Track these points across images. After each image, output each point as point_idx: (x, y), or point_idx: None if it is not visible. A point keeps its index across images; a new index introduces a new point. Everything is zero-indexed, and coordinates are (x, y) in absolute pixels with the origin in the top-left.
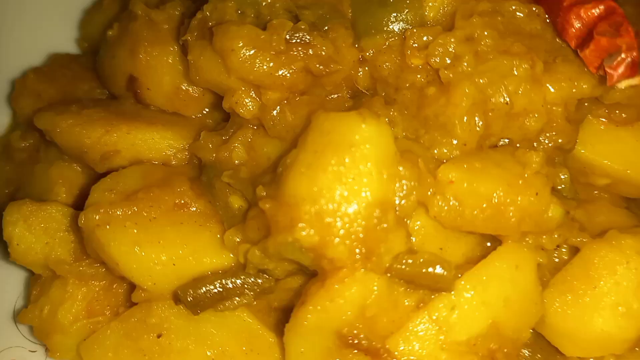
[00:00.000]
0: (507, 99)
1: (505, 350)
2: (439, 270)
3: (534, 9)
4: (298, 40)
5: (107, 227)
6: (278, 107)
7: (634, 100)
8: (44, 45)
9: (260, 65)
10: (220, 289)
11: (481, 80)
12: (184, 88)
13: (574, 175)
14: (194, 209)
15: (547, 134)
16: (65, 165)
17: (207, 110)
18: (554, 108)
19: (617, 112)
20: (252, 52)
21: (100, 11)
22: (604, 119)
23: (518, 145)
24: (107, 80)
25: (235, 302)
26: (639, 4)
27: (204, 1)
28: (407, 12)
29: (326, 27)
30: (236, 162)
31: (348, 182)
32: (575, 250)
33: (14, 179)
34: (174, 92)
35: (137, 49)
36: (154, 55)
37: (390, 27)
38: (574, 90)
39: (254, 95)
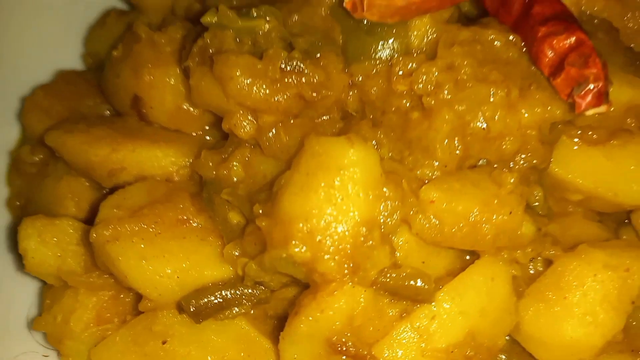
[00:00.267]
0: (484, 125)
1: (482, 357)
2: (419, 283)
3: (510, 37)
4: (292, 69)
5: (116, 242)
6: (273, 129)
7: (604, 123)
8: (51, 61)
9: (257, 92)
10: (220, 300)
11: (460, 107)
12: (185, 107)
13: (549, 191)
14: (196, 224)
15: (523, 155)
16: (74, 180)
17: (207, 127)
18: (528, 131)
19: (589, 133)
20: (249, 80)
21: (105, 28)
22: (577, 139)
23: (495, 165)
24: (112, 97)
25: (234, 311)
26: (611, 30)
27: (204, 26)
28: (393, 40)
29: (318, 54)
30: (234, 179)
31: (337, 202)
32: (549, 263)
33: (25, 192)
34: (175, 111)
35: (141, 70)
36: (157, 76)
37: (378, 54)
38: (547, 115)
39: (251, 118)
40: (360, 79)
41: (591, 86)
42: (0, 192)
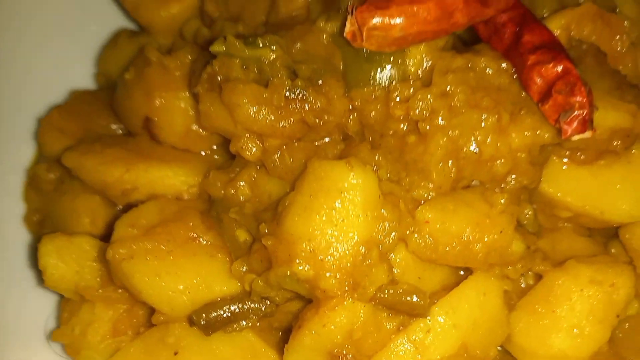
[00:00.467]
0: (477, 149)
1: None
2: (415, 299)
3: (502, 65)
4: (295, 97)
5: (131, 260)
6: (278, 152)
7: (591, 144)
8: (64, 80)
9: (263, 118)
10: (229, 314)
11: (454, 133)
12: (194, 129)
13: (540, 208)
14: (205, 241)
15: (513, 176)
16: (89, 197)
17: (215, 147)
18: (518, 154)
19: (577, 154)
20: (255, 107)
21: (116, 49)
22: (566, 160)
23: (487, 185)
24: (124, 118)
25: (242, 325)
26: (599, 54)
27: (211, 42)
28: (391, 67)
29: (320, 81)
30: (241, 198)
31: (338, 223)
32: (539, 277)
33: (42, 208)
34: (185, 132)
35: (152, 93)
36: (167, 99)
37: (377, 80)
38: (536, 139)
39: (257, 142)
40: (359, 103)
41: (576, 113)
42: (17, 208)
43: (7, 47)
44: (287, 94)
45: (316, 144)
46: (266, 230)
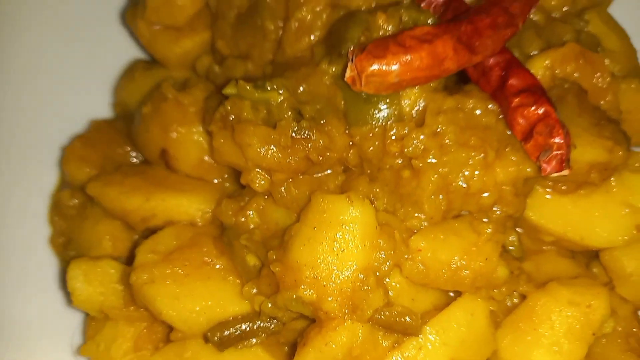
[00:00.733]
0: (464, 184)
1: None
2: (408, 319)
3: (489, 106)
4: (301, 137)
5: (153, 284)
6: (285, 184)
7: (571, 177)
8: (84, 111)
9: (271, 156)
10: (240, 332)
11: (444, 170)
12: (206, 160)
13: (526, 232)
14: (218, 265)
15: (499, 207)
16: (110, 222)
17: (226, 175)
18: (503, 187)
19: (559, 184)
20: (264, 147)
21: (133, 82)
22: (549, 189)
23: (475, 215)
24: (142, 148)
25: (252, 341)
26: (580, 93)
27: (223, 85)
28: (387, 107)
29: (323, 120)
30: (251, 226)
31: (339, 253)
32: (523, 297)
33: (66, 231)
34: (198, 163)
35: (169, 127)
36: (183, 133)
37: (375, 119)
38: (519, 174)
39: (265, 175)
40: (359, 139)
41: (555, 153)
42: (44, 230)
43: (30, 80)
44: (294, 134)
45: (319, 175)
46: (274, 257)
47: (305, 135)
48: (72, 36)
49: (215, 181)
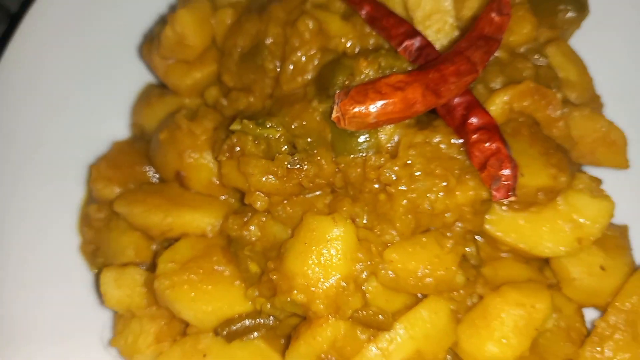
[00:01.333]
0: (430, 207)
1: None
2: (381, 317)
3: (452, 140)
4: (294, 167)
5: (173, 289)
6: (281, 204)
7: (522, 198)
8: (105, 131)
9: (270, 184)
10: (244, 327)
11: (412, 195)
12: (215, 181)
13: (486, 241)
14: (226, 272)
15: (460, 224)
16: (133, 234)
17: (231, 192)
18: (463, 208)
19: (512, 204)
20: (264, 177)
21: (149, 107)
22: (505, 207)
23: (440, 230)
24: (159, 169)
25: (254, 335)
26: (533, 125)
27: (230, 120)
28: (367, 141)
29: (315, 151)
30: (253, 239)
31: (325, 264)
32: (481, 297)
33: (94, 240)
34: (208, 183)
35: (182, 153)
36: (195, 158)
37: (357, 151)
38: (477, 197)
39: (265, 197)
40: (344, 167)
41: (503, 183)
42: (74, 240)
43: (60, 107)
44: (289, 166)
45: (310, 196)
46: (272, 266)
47: (298, 166)
48: (94, 66)
49: (222, 197)
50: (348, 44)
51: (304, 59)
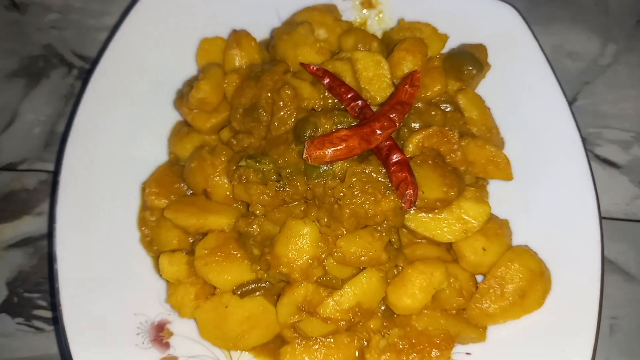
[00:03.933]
0: (366, 213)
1: (365, 315)
2: (335, 281)
3: (380, 169)
4: (280, 190)
5: (206, 266)
6: (272, 211)
7: (428, 205)
8: (152, 157)
9: (265, 199)
10: (251, 288)
11: (353, 206)
12: (229, 195)
13: (408, 232)
14: (239, 255)
15: (386, 222)
16: (176, 230)
17: (240, 203)
18: (387, 213)
19: (423, 208)
20: (261, 197)
21: (180, 141)
22: (419, 210)
23: (373, 226)
24: (191, 187)
25: (257, 294)
26: (437, 156)
27: (238, 156)
28: (326, 170)
29: (293, 178)
30: (255, 234)
31: (300, 250)
32: (401, 268)
33: (149, 235)
34: (225, 197)
35: (207, 178)
36: (216, 181)
37: (320, 177)
38: (396, 206)
39: (262, 207)
40: (312, 187)
41: (407, 198)
42: (135, 234)
43: (121, 138)
44: (277, 189)
45: (291, 206)
46: (267, 251)
47: (283, 188)
48: (146, 113)
49: (235, 205)
50: (315, 105)
51: (286, 114)
